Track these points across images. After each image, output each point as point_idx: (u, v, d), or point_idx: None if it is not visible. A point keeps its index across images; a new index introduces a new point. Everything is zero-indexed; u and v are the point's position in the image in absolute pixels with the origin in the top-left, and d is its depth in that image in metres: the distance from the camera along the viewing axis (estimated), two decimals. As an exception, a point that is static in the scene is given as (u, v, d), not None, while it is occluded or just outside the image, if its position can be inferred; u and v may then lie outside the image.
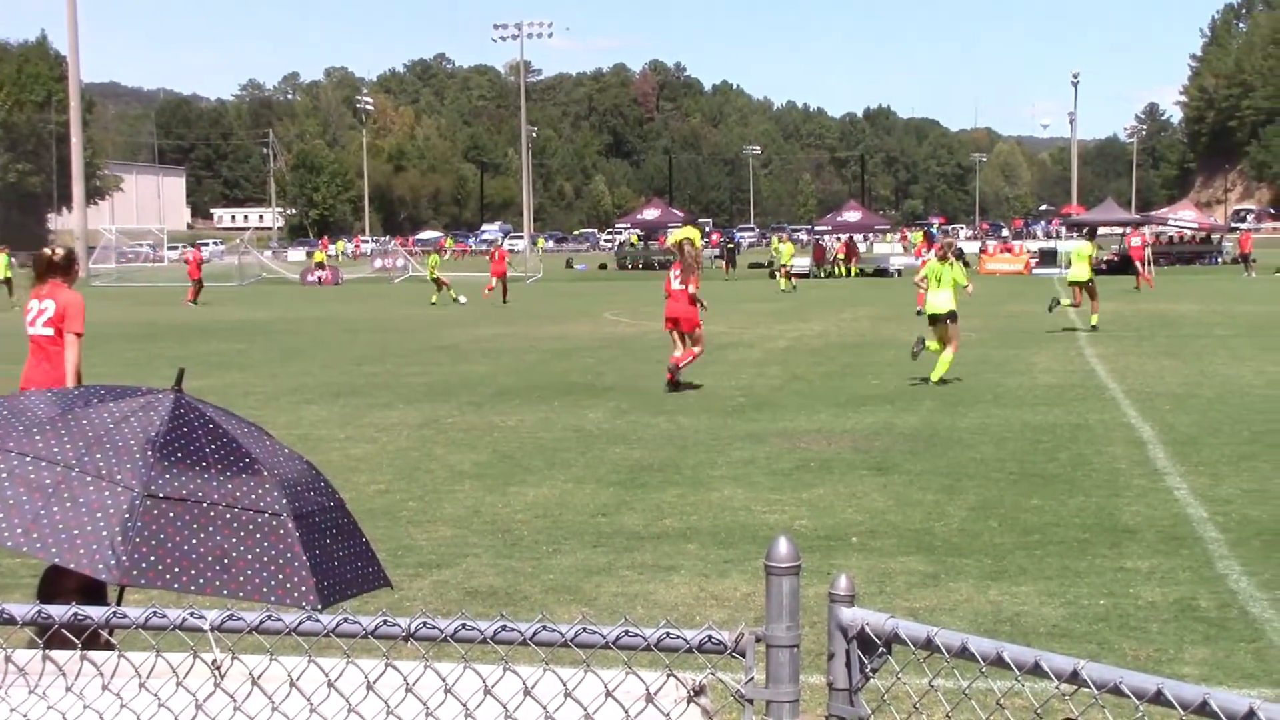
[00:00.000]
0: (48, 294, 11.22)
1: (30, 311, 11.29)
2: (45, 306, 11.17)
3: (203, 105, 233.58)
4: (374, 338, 32.31)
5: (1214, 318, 34.33)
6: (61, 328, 11.07)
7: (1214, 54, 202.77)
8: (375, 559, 3.73)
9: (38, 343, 11.21)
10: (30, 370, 11.24)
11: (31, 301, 11.32)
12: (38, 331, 11.20)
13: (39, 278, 11.37)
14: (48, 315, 11.13)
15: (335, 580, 3.35)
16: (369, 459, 14.54)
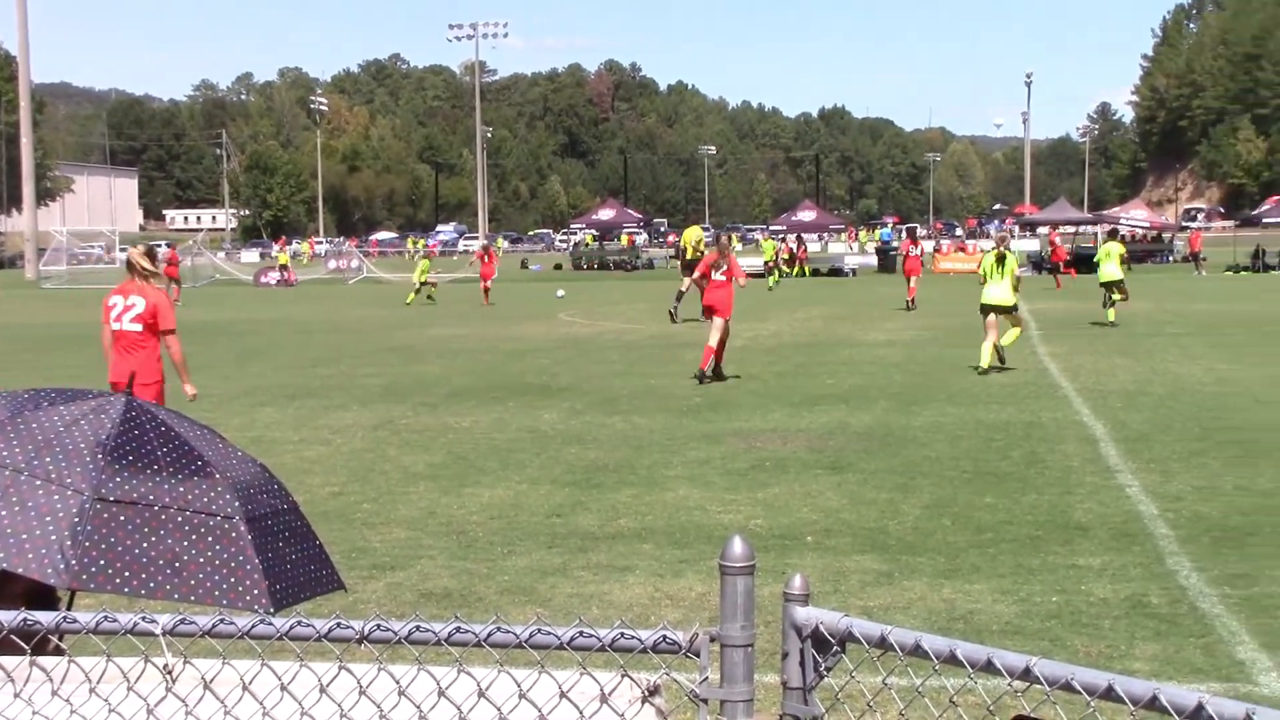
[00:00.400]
0: (132, 290, 12.01)
1: (114, 307, 11.97)
2: (133, 303, 11.93)
3: (155, 106, 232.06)
4: (328, 339, 32.18)
5: (1165, 316, 34.60)
6: (152, 324, 11.91)
7: (1165, 54, 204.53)
8: (329, 562, 3.72)
9: (124, 337, 11.92)
10: (119, 363, 11.86)
11: (115, 298, 12.02)
12: (124, 327, 11.93)
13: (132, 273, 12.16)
14: (136, 311, 11.91)
15: (288, 583, 3.34)
16: (323, 461, 14.49)
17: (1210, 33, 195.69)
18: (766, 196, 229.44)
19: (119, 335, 11.98)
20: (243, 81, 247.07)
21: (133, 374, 11.30)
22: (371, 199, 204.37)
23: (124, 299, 12.02)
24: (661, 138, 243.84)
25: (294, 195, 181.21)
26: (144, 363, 11.86)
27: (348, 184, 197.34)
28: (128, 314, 11.97)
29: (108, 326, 12.17)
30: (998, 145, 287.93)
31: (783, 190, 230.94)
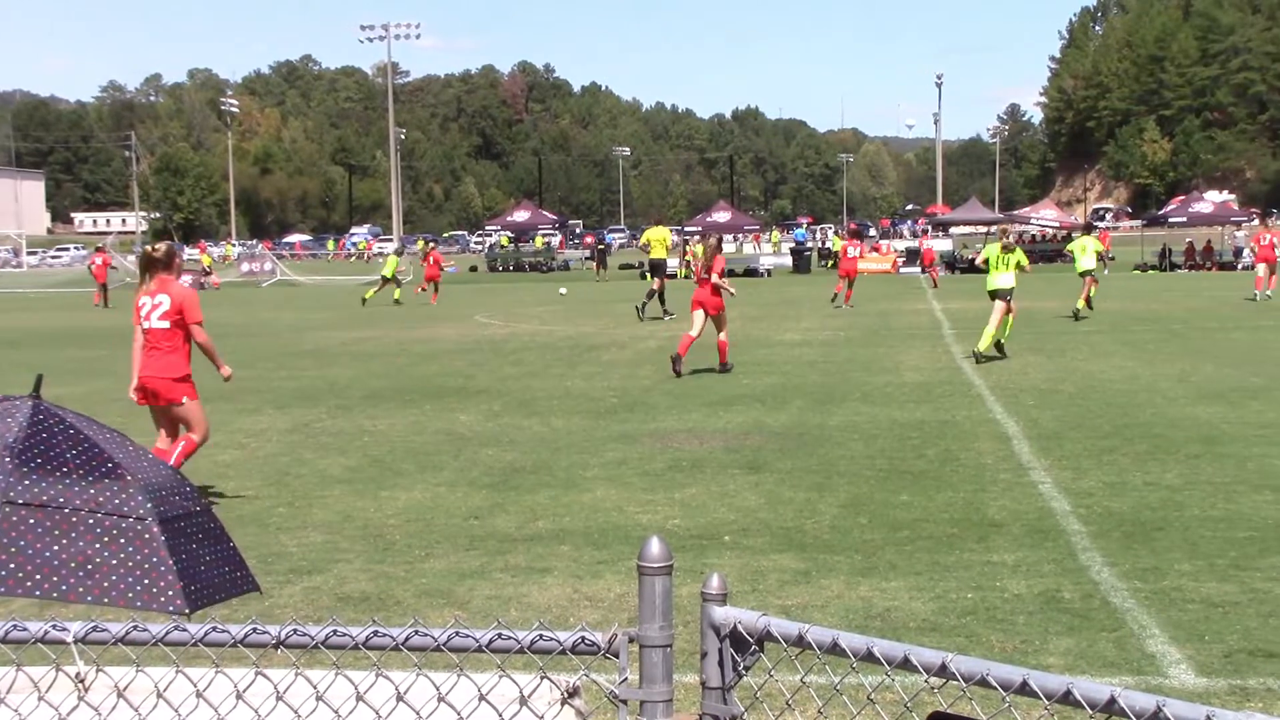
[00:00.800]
0: (158, 289, 12.24)
1: (144, 307, 12.21)
2: (160, 301, 12.18)
3: (62, 107, 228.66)
4: (241, 343, 31.86)
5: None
6: (179, 321, 12.13)
7: (1072, 56, 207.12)
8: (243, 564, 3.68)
9: (153, 335, 12.17)
10: (147, 361, 12.17)
11: (143, 298, 12.25)
12: (153, 325, 12.17)
13: (144, 274, 12.45)
14: (163, 309, 12.14)
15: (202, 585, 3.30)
16: (237, 465, 14.35)
17: (1115, 35, 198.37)
18: (682, 198, 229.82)
19: (148, 334, 12.24)
20: (151, 83, 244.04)
21: (161, 371, 12.07)
22: (284, 201, 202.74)
23: (151, 299, 12.27)
24: (576, 139, 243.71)
25: (205, 198, 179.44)
26: (170, 360, 12.19)
27: (260, 186, 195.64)
28: (155, 312, 12.22)
29: (138, 326, 12.39)
30: (910, 146, 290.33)
31: (698, 191, 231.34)
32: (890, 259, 73.91)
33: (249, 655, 2.80)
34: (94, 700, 2.90)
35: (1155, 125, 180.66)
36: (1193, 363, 22.30)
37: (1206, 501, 11.38)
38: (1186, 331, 28.72)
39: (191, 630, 2.78)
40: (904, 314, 37.16)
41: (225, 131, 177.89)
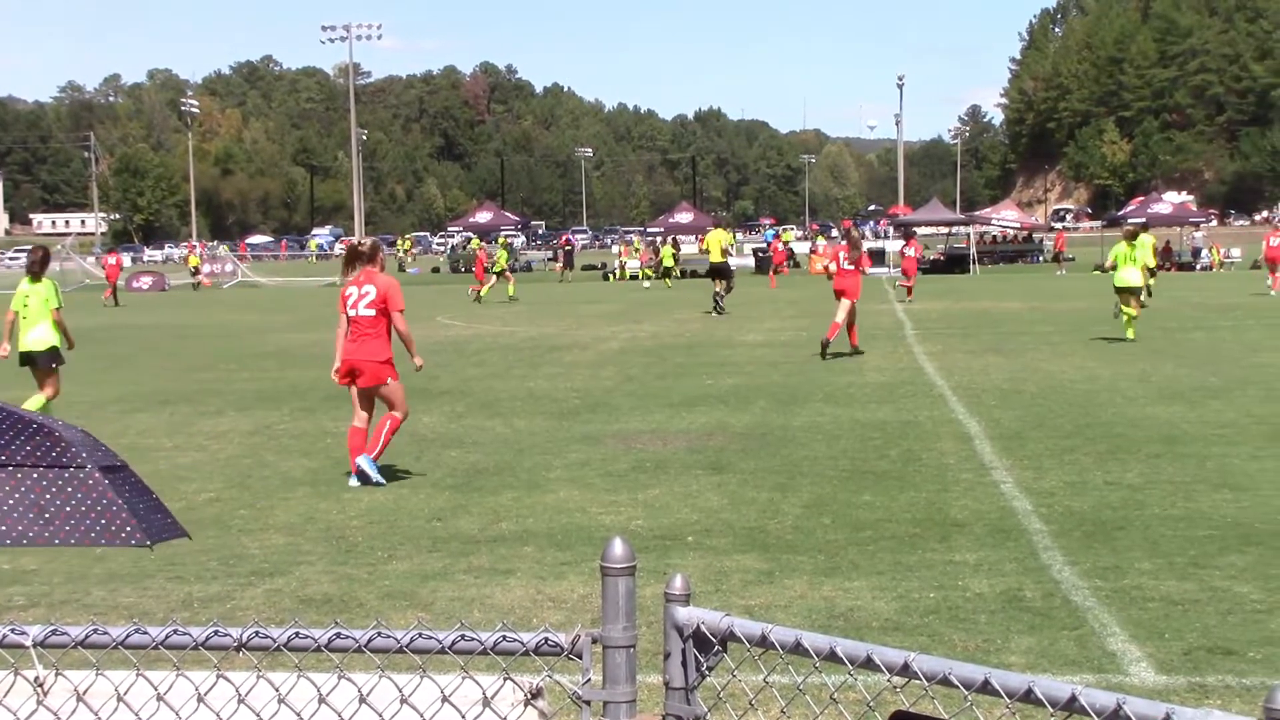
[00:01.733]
0: (364, 280, 13.18)
1: (350, 297, 13.14)
2: (366, 291, 13.12)
3: (19, 108, 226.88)
4: (202, 344, 31.74)
5: (1035, 315, 35.21)
6: (383, 309, 13.06)
7: (1032, 57, 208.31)
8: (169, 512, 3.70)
9: (360, 322, 13.11)
10: (353, 345, 13.11)
11: (350, 288, 13.18)
12: (360, 313, 13.12)
13: (348, 266, 13.46)
14: (370, 298, 13.07)
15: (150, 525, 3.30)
16: (199, 467, 14.28)
17: (1075, 37, 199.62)
18: (644, 199, 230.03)
19: (354, 321, 13.15)
20: (110, 83, 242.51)
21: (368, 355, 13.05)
22: (246, 202, 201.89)
23: (358, 289, 13.17)
24: (538, 140, 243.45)
25: (166, 199, 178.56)
26: (376, 343, 13.08)
27: (221, 187, 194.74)
28: (362, 301, 13.12)
29: (344, 315, 13.30)
30: (871, 147, 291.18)
31: (660, 192, 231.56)
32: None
33: (210, 658, 2.79)
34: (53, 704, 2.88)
35: (1115, 126, 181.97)
36: (1153, 363, 22.44)
37: (1166, 500, 11.45)
38: (1147, 332, 28.88)
39: (152, 633, 2.77)
40: (866, 314, 37.20)
41: (185, 132, 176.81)
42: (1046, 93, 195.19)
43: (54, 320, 16.56)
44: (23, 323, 16.71)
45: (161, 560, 9.95)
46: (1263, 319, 32.11)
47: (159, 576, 9.52)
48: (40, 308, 16.59)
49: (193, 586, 9.30)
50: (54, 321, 16.56)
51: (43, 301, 16.61)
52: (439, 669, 2.79)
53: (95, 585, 9.33)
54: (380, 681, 2.79)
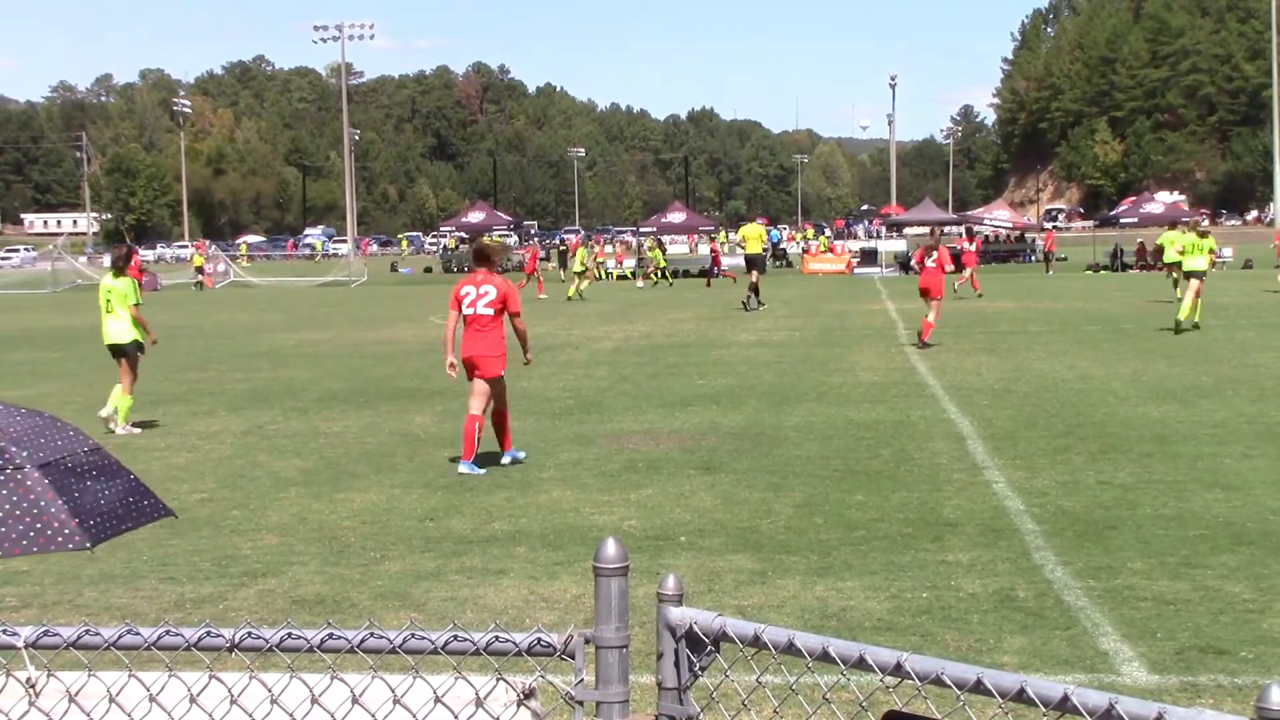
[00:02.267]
0: (483, 280, 13.93)
1: (468, 295, 13.89)
2: (485, 291, 13.88)
3: (11, 107, 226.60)
4: (195, 344, 31.68)
5: (1028, 314, 35.23)
6: (501, 309, 13.83)
7: (1024, 58, 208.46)
8: (149, 493, 3.64)
9: (478, 320, 13.86)
10: (472, 342, 13.86)
11: (467, 288, 13.94)
12: (479, 311, 13.86)
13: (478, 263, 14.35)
14: (489, 298, 13.82)
15: (104, 517, 3.27)
16: (191, 468, 14.27)
17: (1067, 37, 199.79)
18: (637, 198, 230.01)
19: (471, 319, 13.92)
20: (102, 83, 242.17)
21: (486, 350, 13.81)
22: (238, 202, 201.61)
23: (476, 288, 13.92)
24: (530, 140, 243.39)
25: (158, 199, 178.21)
26: (492, 340, 13.84)
27: (213, 187, 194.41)
28: (481, 300, 13.87)
29: (456, 312, 14.04)
30: (864, 147, 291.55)
31: (652, 192, 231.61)
32: (845, 259, 74.13)
33: (203, 659, 2.78)
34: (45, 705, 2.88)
35: (1107, 126, 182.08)
36: (1145, 362, 22.47)
37: (1159, 500, 11.47)
38: (1139, 331, 28.93)
39: (145, 634, 2.77)
40: (858, 314, 37.27)
41: (178, 132, 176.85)
42: (1039, 93, 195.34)
43: (132, 316, 17.56)
44: (105, 317, 17.77)
45: (154, 561, 9.95)
46: (1254, 318, 32.15)
47: (151, 577, 9.52)
48: (120, 304, 17.61)
49: (185, 587, 9.29)
50: (132, 317, 17.57)
51: (121, 297, 17.62)
52: (432, 669, 2.79)
53: (87, 586, 9.32)
54: (373, 682, 2.79)
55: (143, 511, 3.51)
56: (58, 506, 3.07)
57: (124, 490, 3.50)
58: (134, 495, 3.53)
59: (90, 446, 3.56)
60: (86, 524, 3.14)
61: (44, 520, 3.06)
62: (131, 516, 3.46)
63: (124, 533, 3.34)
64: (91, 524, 3.16)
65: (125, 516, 3.41)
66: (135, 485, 3.64)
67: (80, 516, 3.14)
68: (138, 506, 3.50)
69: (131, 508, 3.48)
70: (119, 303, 17.60)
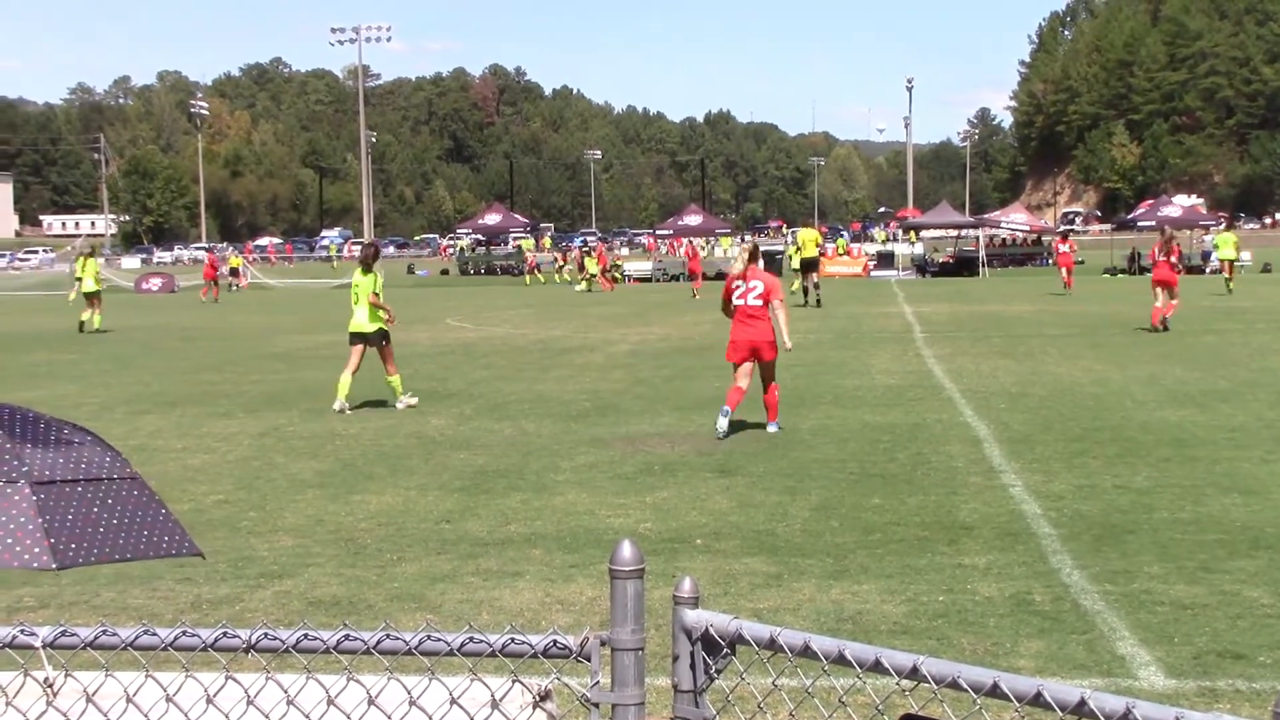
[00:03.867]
0: (752, 276, 15.98)
1: (738, 289, 15.97)
2: (754, 285, 15.94)
3: (29, 109, 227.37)
4: (211, 345, 31.77)
5: (1044, 317, 35.16)
6: (768, 299, 15.83)
7: (1042, 60, 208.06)
8: (177, 530, 3.63)
9: (750, 309, 15.87)
10: (748, 329, 15.84)
11: (738, 282, 16.04)
12: (749, 302, 15.88)
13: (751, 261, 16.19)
14: (758, 291, 15.88)
15: (95, 544, 3.26)
16: (207, 469, 14.29)
17: (1085, 40, 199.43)
18: (653, 201, 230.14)
19: (742, 309, 15.93)
20: (120, 85, 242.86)
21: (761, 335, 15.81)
22: (255, 204, 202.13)
23: (745, 282, 15.97)
24: (547, 142, 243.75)
25: (175, 200, 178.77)
26: (763, 326, 15.85)
27: (230, 189, 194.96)
28: (751, 293, 15.91)
29: (730, 301, 16.06)
30: (880, 150, 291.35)
31: (669, 194, 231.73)
32: (861, 263, 74.08)
33: (219, 660, 2.79)
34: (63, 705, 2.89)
35: (1124, 129, 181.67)
36: (1162, 366, 22.41)
37: (1176, 504, 11.43)
38: (1156, 335, 28.85)
39: (161, 634, 2.77)
40: (874, 317, 37.24)
41: (195, 134, 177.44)
42: (1056, 95, 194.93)
43: (371, 305, 18.99)
44: (354, 306, 19.29)
45: (171, 562, 9.97)
46: (1272, 322, 32.05)
47: (168, 578, 9.54)
48: (364, 295, 19.07)
49: (202, 588, 9.31)
50: (371, 306, 19.00)
51: (366, 290, 19.06)
52: (447, 671, 2.79)
53: (104, 586, 9.35)
54: (389, 683, 2.79)
55: (155, 547, 3.50)
56: (35, 525, 3.07)
57: (140, 524, 3.50)
58: (153, 530, 3.53)
59: (123, 475, 3.56)
60: (57, 546, 3.14)
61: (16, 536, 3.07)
62: (134, 549, 3.45)
63: (113, 562, 3.34)
64: (69, 548, 3.16)
65: (124, 547, 3.40)
66: (160, 521, 3.63)
67: (56, 538, 3.14)
68: (149, 541, 3.49)
69: (141, 541, 3.47)
70: (363, 296, 19.06)
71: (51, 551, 3.01)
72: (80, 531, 3.14)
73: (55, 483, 3.19)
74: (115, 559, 3.26)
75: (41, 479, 3.15)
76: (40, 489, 3.12)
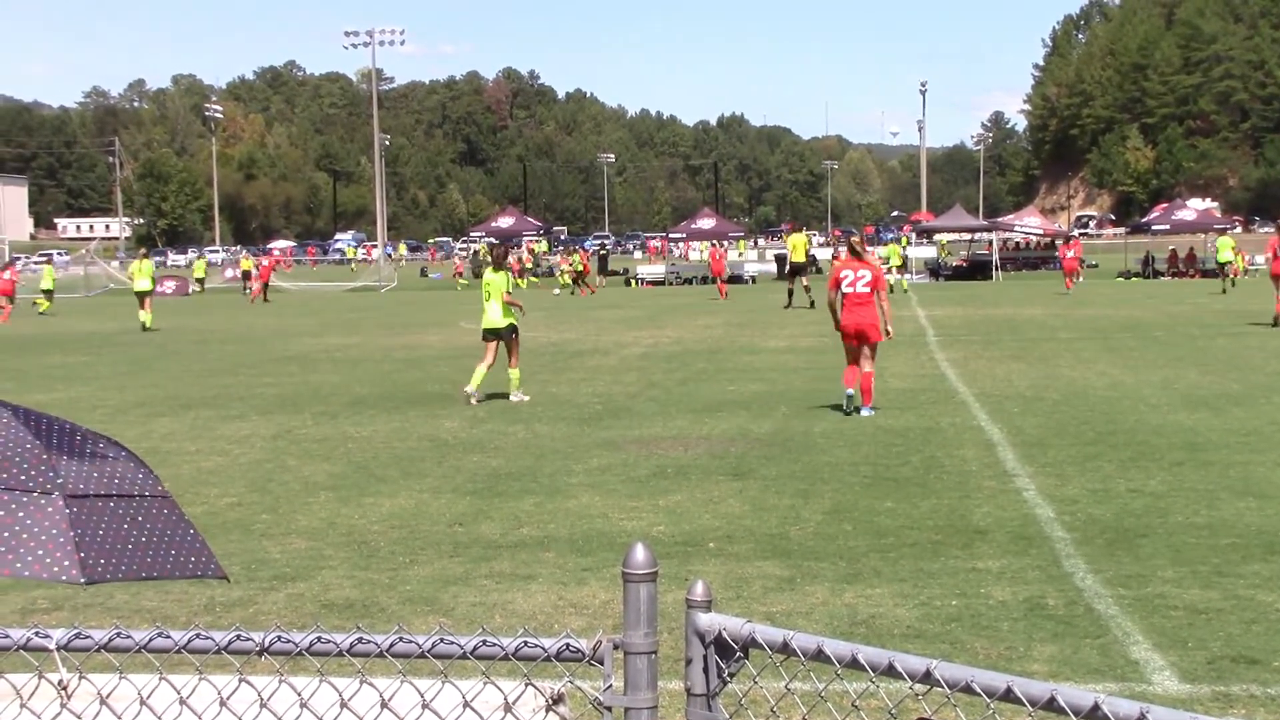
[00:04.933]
0: (859, 266, 17.76)
1: (847, 278, 17.68)
2: (862, 274, 17.63)
3: (45, 113, 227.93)
4: (224, 348, 31.83)
5: (1058, 321, 35.11)
6: (874, 287, 17.58)
7: (1055, 64, 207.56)
8: (204, 551, 3.62)
9: (858, 296, 17.58)
10: (856, 314, 17.55)
11: (846, 271, 17.76)
12: (858, 290, 17.59)
13: (852, 256, 18.28)
14: (865, 280, 17.58)
15: (124, 560, 3.26)
16: (221, 472, 14.31)
17: (1098, 43, 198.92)
18: (666, 204, 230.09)
19: (850, 296, 17.64)
20: (135, 88, 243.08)
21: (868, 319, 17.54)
22: (269, 207, 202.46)
23: (853, 272, 17.66)
24: (560, 145, 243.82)
25: (189, 204, 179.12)
26: (869, 312, 17.55)
27: (244, 192, 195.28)
28: (859, 282, 17.58)
29: (835, 291, 17.97)
30: (894, 153, 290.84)
31: (682, 198, 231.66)
32: (875, 266, 73.89)
33: (233, 662, 2.79)
34: (77, 708, 2.89)
35: (1138, 133, 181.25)
36: (1176, 370, 22.36)
37: (1190, 508, 11.40)
38: (1170, 338, 28.81)
39: (175, 637, 2.78)
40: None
41: (209, 137, 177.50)
42: (1070, 99, 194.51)
43: (504, 302, 20.00)
44: (486, 304, 20.21)
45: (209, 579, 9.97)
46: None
47: (181, 581, 9.54)
48: (497, 294, 20.07)
49: (215, 591, 9.32)
50: (504, 303, 19.99)
51: (498, 289, 20.10)
52: (460, 674, 2.80)
53: (118, 589, 9.36)
54: (402, 686, 2.80)
55: (181, 567, 3.50)
56: (66, 538, 3.08)
57: (170, 542, 3.50)
58: (180, 550, 3.53)
59: (155, 494, 3.56)
60: (87, 560, 3.14)
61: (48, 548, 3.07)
62: (160, 568, 3.45)
63: (140, 579, 3.34)
64: (99, 562, 3.16)
65: (152, 566, 3.40)
66: (188, 542, 3.63)
67: (84, 552, 3.15)
68: (176, 561, 3.49)
69: (168, 561, 3.47)
70: (496, 293, 20.03)
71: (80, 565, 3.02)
72: (110, 547, 3.14)
73: (88, 496, 3.19)
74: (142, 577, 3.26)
75: (75, 492, 3.15)
76: (74, 502, 3.13)
